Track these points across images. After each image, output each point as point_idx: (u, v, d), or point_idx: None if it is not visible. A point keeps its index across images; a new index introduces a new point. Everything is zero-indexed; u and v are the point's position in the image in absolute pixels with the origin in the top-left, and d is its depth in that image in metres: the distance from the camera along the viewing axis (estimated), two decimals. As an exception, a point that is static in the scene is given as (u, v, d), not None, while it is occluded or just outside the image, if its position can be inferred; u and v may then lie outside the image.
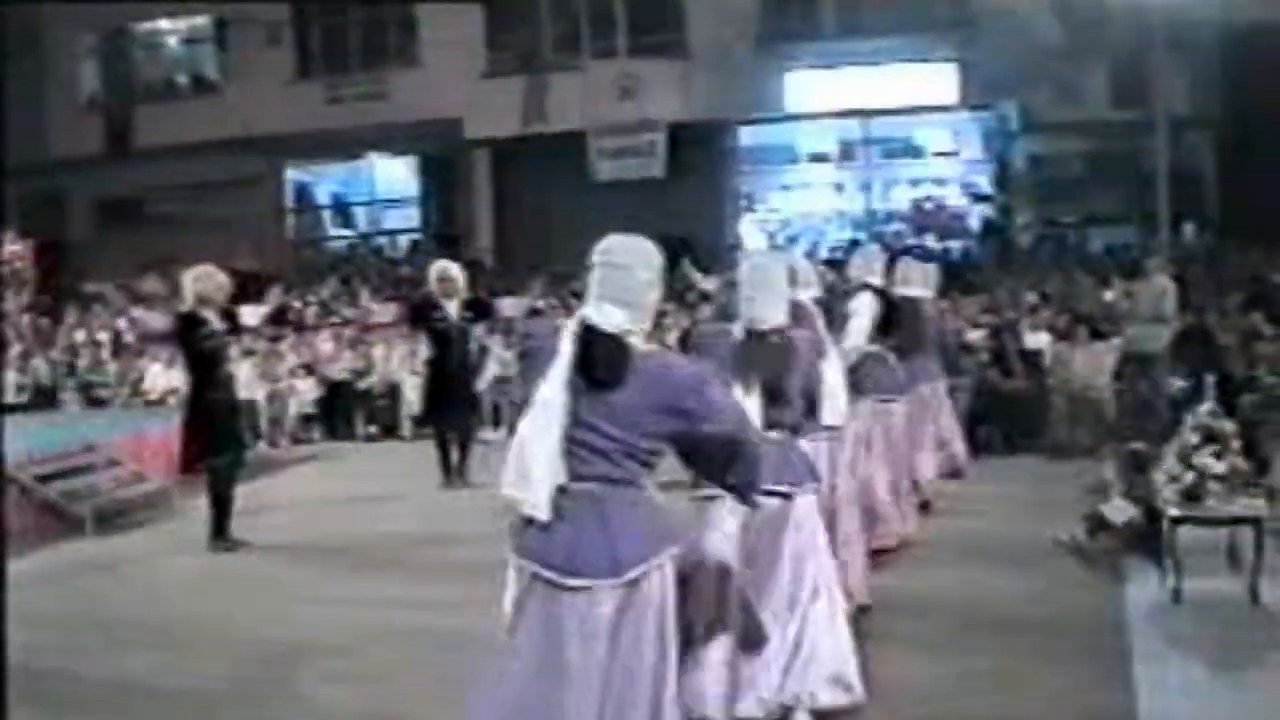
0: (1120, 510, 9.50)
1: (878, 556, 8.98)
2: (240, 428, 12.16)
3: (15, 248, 23.52)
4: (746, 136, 28.16)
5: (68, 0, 29.26)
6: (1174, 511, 8.21)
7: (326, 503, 13.69)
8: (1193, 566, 8.28)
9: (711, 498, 5.75)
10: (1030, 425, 15.72)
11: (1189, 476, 8.19)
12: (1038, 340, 16.88)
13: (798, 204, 28.83)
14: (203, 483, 11.39)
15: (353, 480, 15.17)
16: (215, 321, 11.11)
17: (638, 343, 4.36)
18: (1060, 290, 19.79)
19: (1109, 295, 17.86)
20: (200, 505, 11.61)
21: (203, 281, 11.17)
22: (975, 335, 17.05)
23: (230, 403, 11.56)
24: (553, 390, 4.32)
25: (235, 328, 11.70)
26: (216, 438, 11.16)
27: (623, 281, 4.42)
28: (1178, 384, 13.88)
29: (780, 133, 28.33)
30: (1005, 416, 15.85)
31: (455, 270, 14.12)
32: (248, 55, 30.40)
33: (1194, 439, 8.28)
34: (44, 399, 20.39)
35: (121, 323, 22.49)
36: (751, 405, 5.76)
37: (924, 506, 11.02)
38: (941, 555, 9.86)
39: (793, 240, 27.14)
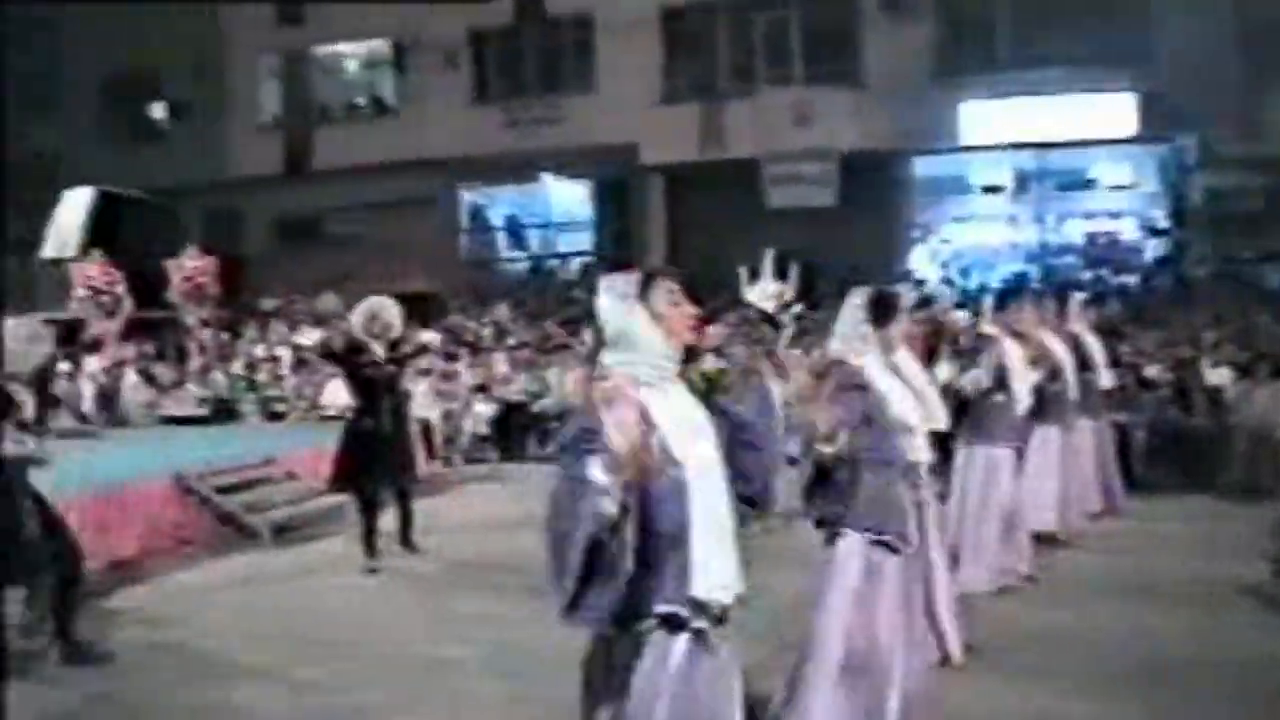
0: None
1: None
2: (391, 458, 12.01)
3: (199, 263, 24.59)
4: (920, 166, 28.72)
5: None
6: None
7: (499, 523, 13.83)
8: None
9: (838, 533, 6.19)
10: (1205, 463, 15.50)
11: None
12: (1219, 376, 16.73)
13: (970, 235, 29.30)
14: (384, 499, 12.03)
15: (525, 501, 14.95)
16: (379, 351, 11.79)
17: None
18: (1237, 326, 19.80)
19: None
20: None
21: (371, 320, 11.87)
22: (1153, 370, 17.22)
23: (384, 432, 11.81)
24: None
25: (398, 359, 12.03)
26: (359, 465, 11.77)
27: None
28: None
29: (954, 163, 28.82)
30: (1180, 454, 15.76)
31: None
32: (425, 79, 31.87)
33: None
34: (223, 412, 21.05)
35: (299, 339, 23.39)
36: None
37: (1049, 540, 11.20)
38: (1099, 590, 9.93)
39: (964, 272, 27.73)
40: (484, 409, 20.42)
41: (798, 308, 16.48)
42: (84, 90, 34.81)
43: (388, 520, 12.19)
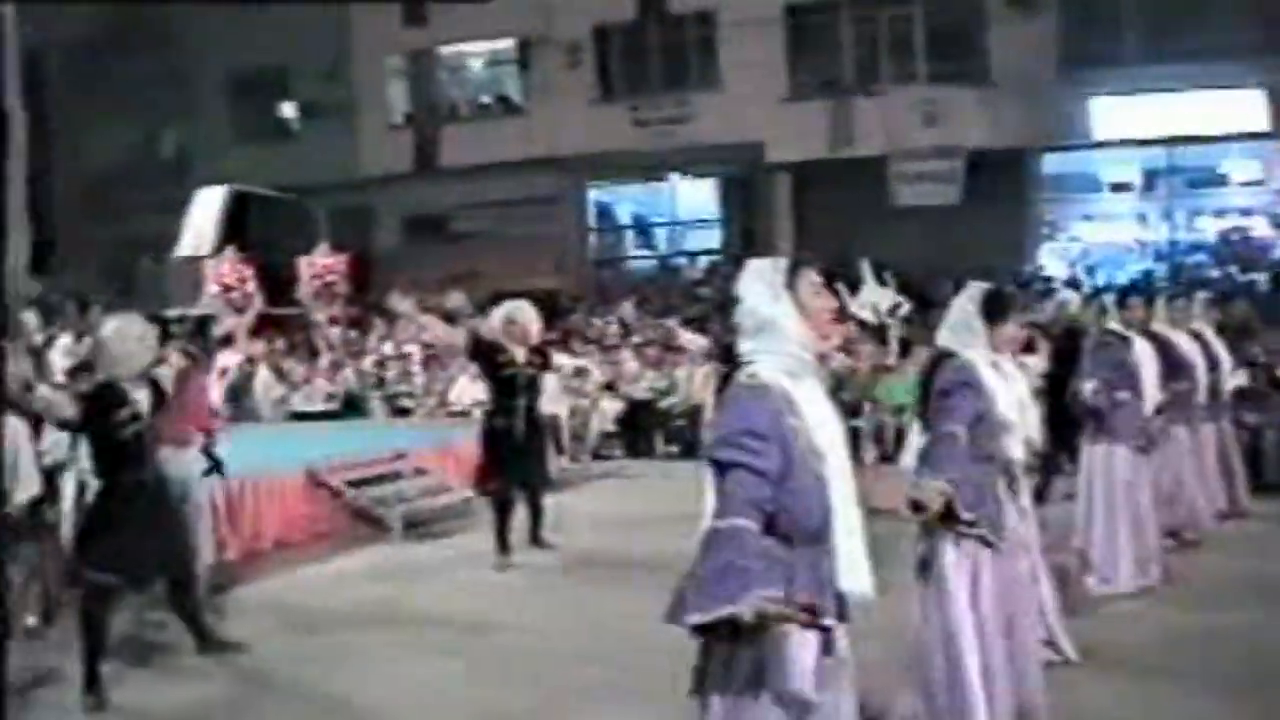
0: None
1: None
2: (525, 458, 12.22)
3: (329, 261, 25.08)
4: (1048, 164, 28.70)
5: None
6: None
7: (625, 520, 14.04)
8: None
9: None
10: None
11: None
12: (1360, 376, 16.52)
13: (1099, 233, 29.25)
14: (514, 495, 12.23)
15: (651, 498, 15.27)
16: (517, 353, 12.02)
17: None
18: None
19: None
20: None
21: (510, 324, 12.06)
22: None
23: (518, 432, 12.01)
24: None
25: (539, 362, 12.28)
26: (498, 466, 12.09)
27: None
28: None
29: (1083, 160, 28.88)
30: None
31: None
32: (550, 77, 32.31)
33: None
34: (352, 408, 21.65)
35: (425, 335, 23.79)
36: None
37: (1177, 541, 11.14)
38: (1225, 591, 9.81)
39: (1091, 270, 27.65)
40: (611, 406, 20.70)
41: (904, 311, 16.67)
42: (215, 91, 35.61)
43: (519, 517, 12.42)
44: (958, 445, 6.20)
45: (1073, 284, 25.20)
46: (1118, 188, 29.02)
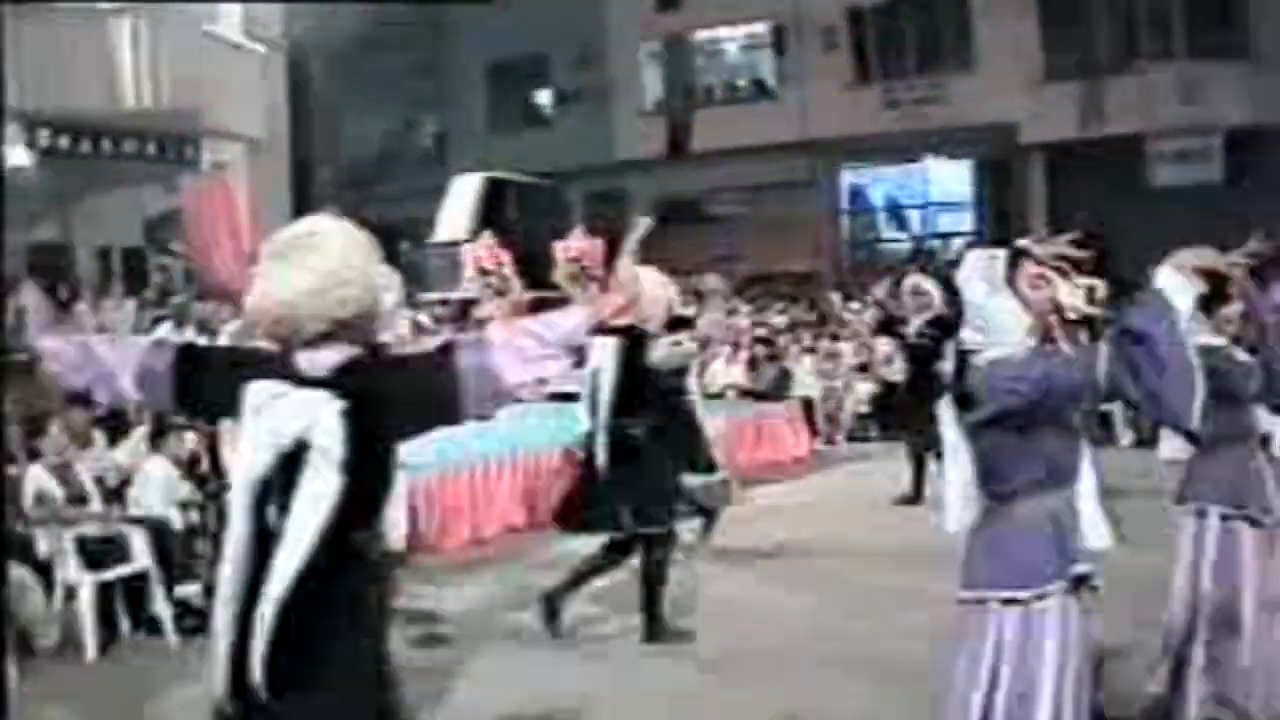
0: None
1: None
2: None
3: (583, 244, 26.01)
4: None
5: None
6: None
7: (877, 504, 13.84)
8: None
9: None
10: None
11: None
12: None
13: None
14: (763, 477, 12.62)
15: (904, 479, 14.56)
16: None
17: None
18: None
19: None
20: (756, 496, 12.64)
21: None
22: None
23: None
24: None
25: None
26: None
27: None
28: None
29: None
30: None
31: None
32: (805, 60, 33.12)
33: None
34: None
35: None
36: None
37: None
38: None
39: None
40: (865, 388, 21.01)
41: (1101, 293, 16.96)
42: (472, 79, 37.08)
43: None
44: None
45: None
46: (1387, 164, 28.31)
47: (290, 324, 3.75)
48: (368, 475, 3.72)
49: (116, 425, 11.50)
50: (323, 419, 3.63)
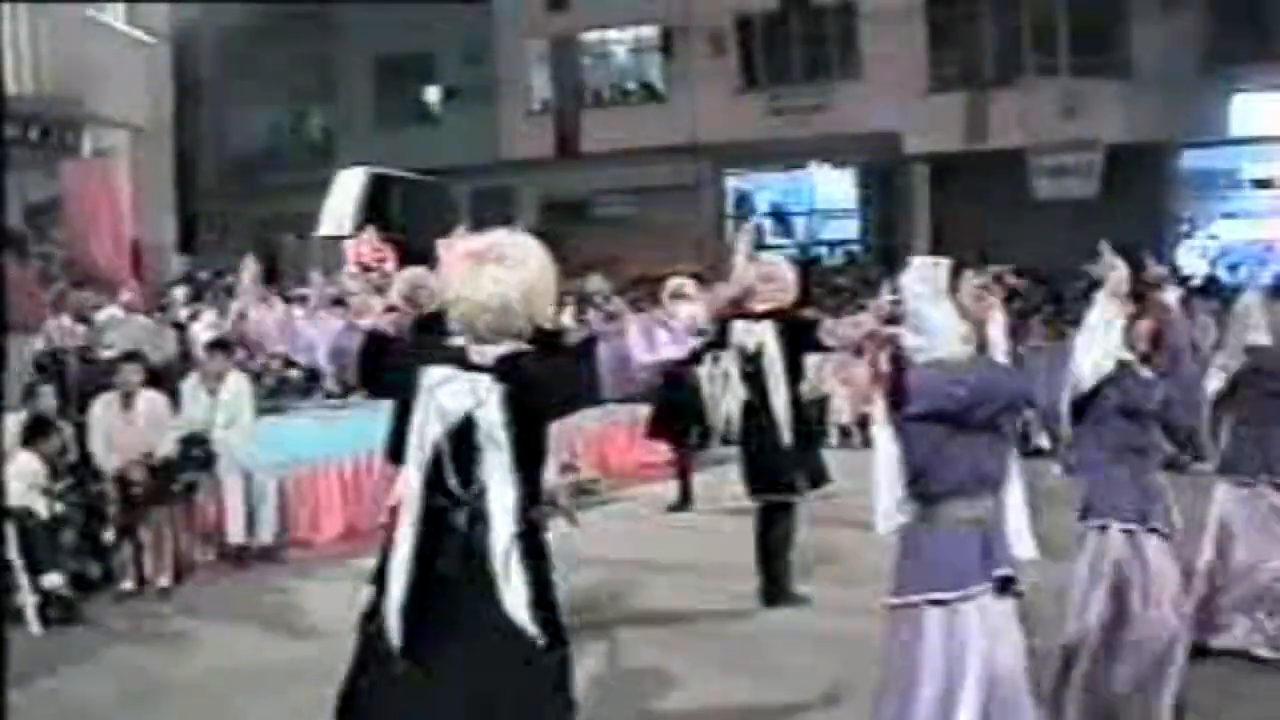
0: None
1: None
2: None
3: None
4: (1188, 159, 29.08)
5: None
6: None
7: None
8: None
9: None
10: None
11: None
12: None
13: (1240, 231, 29.26)
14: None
15: None
16: None
17: None
18: None
19: None
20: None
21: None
22: None
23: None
24: None
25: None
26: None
27: None
28: None
29: (1224, 156, 29.11)
30: None
31: None
32: (693, 65, 33.21)
33: None
34: None
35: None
36: None
37: None
38: None
39: (1233, 268, 27.57)
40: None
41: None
42: (359, 75, 36.91)
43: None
44: None
45: (1210, 282, 25.29)
46: (1260, 185, 29.18)
47: (497, 321, 4.31)
48: (525, 448, 4.31)
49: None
50: (488, 400, 4.25)
